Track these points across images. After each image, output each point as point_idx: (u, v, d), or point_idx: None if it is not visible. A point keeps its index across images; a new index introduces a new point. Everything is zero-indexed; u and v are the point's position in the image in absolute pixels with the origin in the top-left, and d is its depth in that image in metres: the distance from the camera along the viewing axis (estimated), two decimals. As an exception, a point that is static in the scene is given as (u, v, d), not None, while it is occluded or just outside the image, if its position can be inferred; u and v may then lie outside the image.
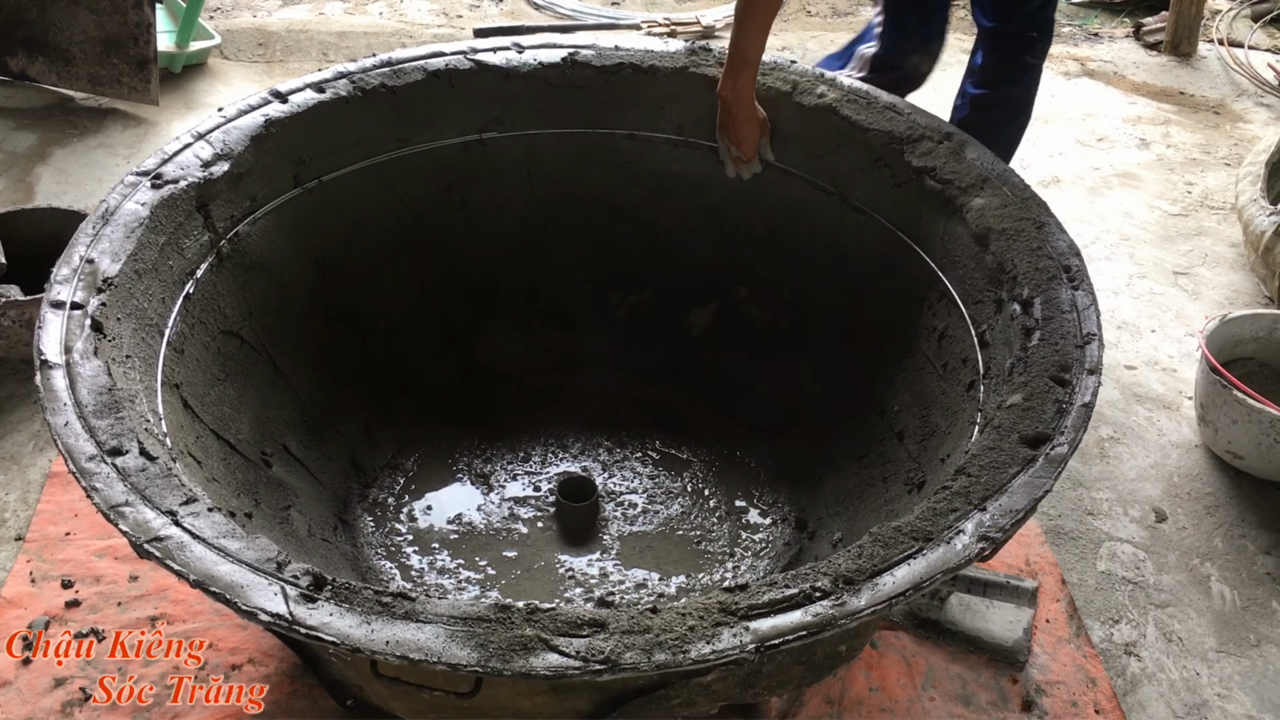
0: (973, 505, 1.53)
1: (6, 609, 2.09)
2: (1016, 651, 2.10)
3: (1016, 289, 1.91)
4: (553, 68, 2.40)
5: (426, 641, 1.32)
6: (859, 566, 1.45)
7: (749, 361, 2.53)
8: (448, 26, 4.41)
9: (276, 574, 1.39)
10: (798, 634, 1.37)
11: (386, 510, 2.29)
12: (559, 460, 2.43)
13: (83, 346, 1.64)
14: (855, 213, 2.32)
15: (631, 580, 2.18)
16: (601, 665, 1.31)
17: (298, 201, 2.22)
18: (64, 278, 1.75)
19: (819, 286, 2.42)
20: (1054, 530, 2.42)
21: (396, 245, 2.41)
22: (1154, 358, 2.92)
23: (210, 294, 2.00)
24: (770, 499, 2.37)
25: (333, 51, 4.17)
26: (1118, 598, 2.29)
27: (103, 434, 1.53)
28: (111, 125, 3.56)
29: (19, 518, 2.29)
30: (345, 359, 2.36)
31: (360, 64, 2.30)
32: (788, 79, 2.35)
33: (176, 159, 2.01)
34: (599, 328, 2.62)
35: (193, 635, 2.07)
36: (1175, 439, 2.68)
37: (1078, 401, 1.68)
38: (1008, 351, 1.86)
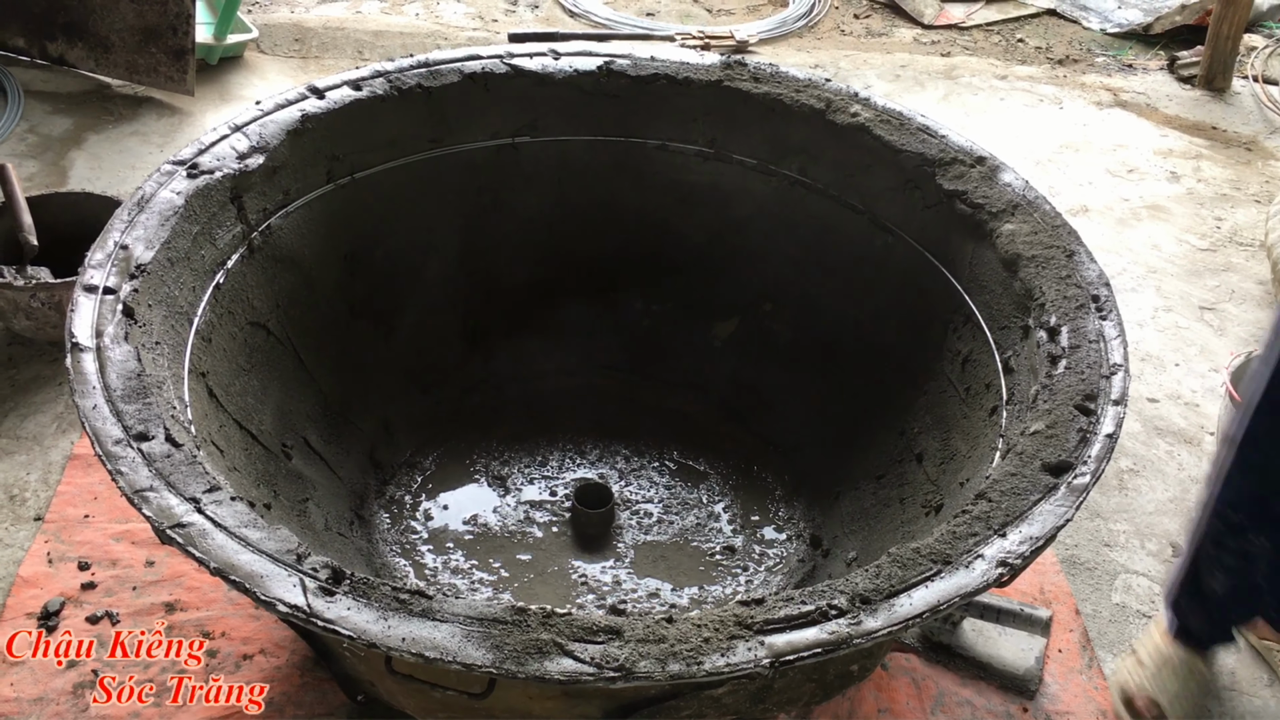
0: (993, 530, 1.53)
1: (23, 588, 2.11)
2: (1028, 680, 2.09)
3: (1044, 316, 1.90)
4: (588, 75, 2.41)
5: (442, 640, 1.32)
6: (876, 586, 1.45)
7: (770, 376, 2.54)
8: (483, 30, 4.43)
9: (296, 566, 1.39)
10: (812, 651, 1.36)
11: (403, 508, 2.30)
12: (576, 466, 2.44)
13: (114, 331, 1.66)
14: (884, 233, 2.32)
15: (644, 589, 2.18)
16: (616, 673, 1.31)
17: (329, 197, 2.23)
18: (98, 262, 1.77)
19: (844, 304, 2.42)
20: (1070, 560, 2.41)
21: (424, 245, 2.42)
22: (1177, 391, 2.91)
23: (240, 285, 2.02)
24: (786, 514, 2.36)
25: (368, 50, 4.19)
26: (1132, 630, 2.28)
27: (130, 418, 1.54)
28: (146, 113, 3.59)
29: (39, 498, 2.30)
30: (368, 355, 2.38)
31: (397, 63, 2.32)
32: (821, 97, 2.35)
33: (213, 150, 2.03)
34: (622, 335, 2.62)
35: (205, 623, 2.08)
36: (1195, 474, 2.67)
37: (1102, 431, 1.68)
38: (1032, 378, 1.85)
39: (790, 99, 2.35)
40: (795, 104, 2.35)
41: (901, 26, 4.86)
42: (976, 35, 4.85)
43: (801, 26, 4.73)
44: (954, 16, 4.91)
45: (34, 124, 3.45)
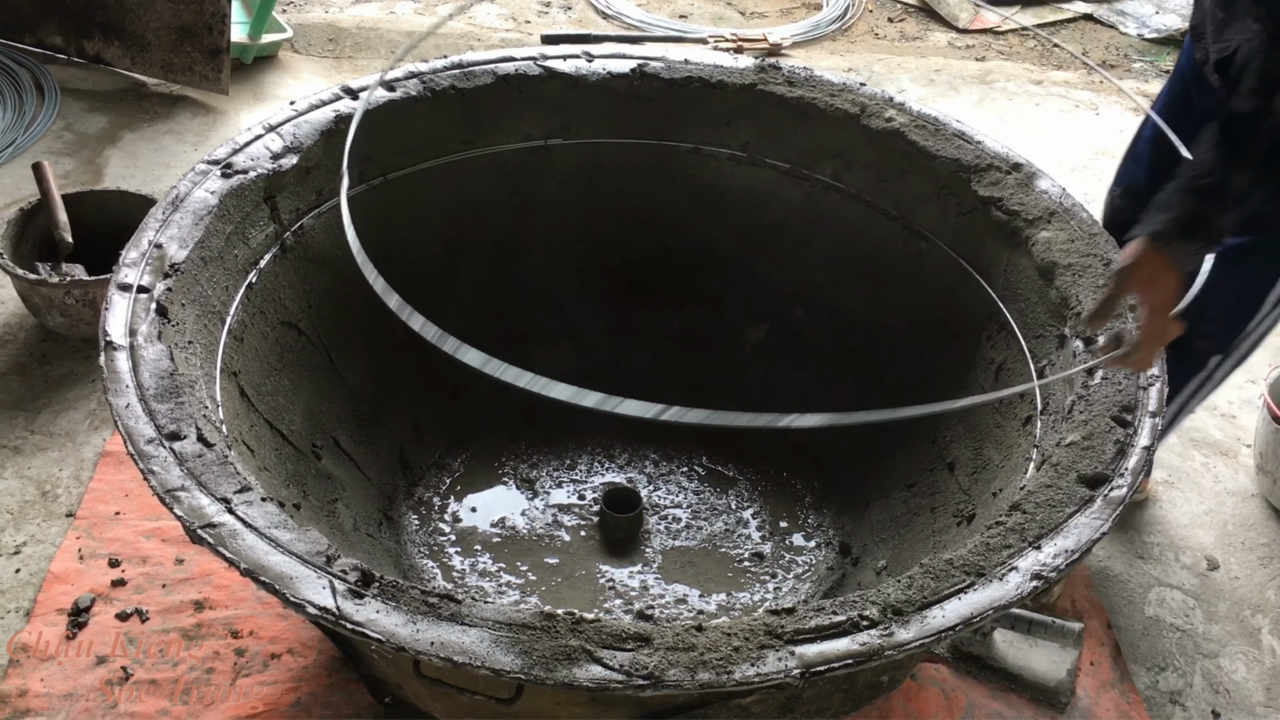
0: (1027, 543, 1.51)
1: (54, 584, 2.12)
2: (1059, 692, 2.07)
3: (1081, 326, 1.88)
4: (621, 78, 2.40)
5: (471, 645, 1.31)
6: (908, 598, 1.43)
7: (800, 382, 2.52)
8: (516, 31, 4.44)
9: (326, 568, 1.39)
10: (844, 662, 1.35)
11: (431, 509, 2.30)
12: (605, 470, 2.43)
13: (147, 330, 1.66)
14: (917, 239, 2.30)
15: (671, 595, 2.17)
16: (645, 681, 1.30)
17: (362, 198, 2.23)
18: (132, 261, 1.77)
19: (876, 311, 2.40)
20: (1102, 572, 2.38)
21: (455, 246, 2.42)
22: (1212, 403, 2.87)
23: (272, 285, 2.02)
24: (815, 522, 2.35)
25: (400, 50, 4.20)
26: (1165, 645, 2.25)
27: (162, 418, 1.54)
28: (181, 112, 3.61)
29: (71, 494, 2.32)
30: (398, 356, 2.37)
31: (431, 65, 2.32)
32: (856, 101, 2.34)
33: (247, 149, 2.03)
34: (652, 339, 2.61)
35: (234, 621, 2.09)
36: (1231, 487, 2.63)
37: (1139, 443, 1.65)
38: (1068, 388, 1.83)
39: (824, 103, 2.34)
40: (829, 108, 2.34)
41: (936, 30, 4.82)
42: (1011, 40, 4.81)
43: (835, 30, 4.70)
44: (989, 21, 4.87)
45: (70, 122, 3.47)
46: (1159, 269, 1.54)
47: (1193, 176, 1.52)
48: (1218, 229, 1.52)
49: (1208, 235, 1.53)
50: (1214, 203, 1.50)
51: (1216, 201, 1.50)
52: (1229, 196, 1.49)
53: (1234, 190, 1.49)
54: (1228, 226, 1.52)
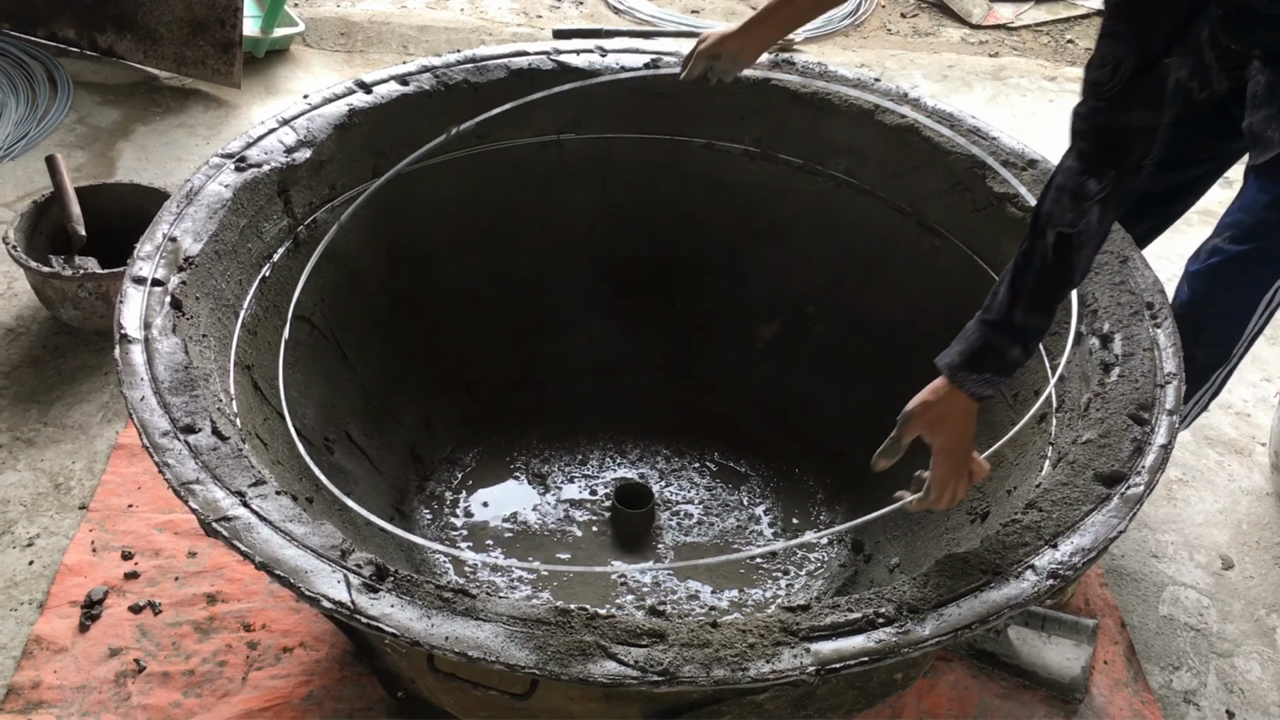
0: (1044, 541, 1.51)
1: (67, 576, 2.12)
2: (1073, 688, 2.06)
3: (1096, 323, 1.87)
4: (634, 73, 2.39)
5: (486, 640, 1.31)
6: (924, 595, 1.43)
7: (813, 378, 2.51)
8: (527, 26, 4.43)
9: (340, 562, 1.39)
10: (859, 660, 1.35)
11: (443, 503, 2.30)
12: (616, 465, 2.43)
13: (162, 323, 1.66)
14: (931, 235, 2.29)
15: (684, 591, 2.17)
16: (659, 677, 1.30)
17: (375, 192, 2.23)
18: (146, 254, 1.77)
19: (889, 307, 2.39)
20: (1116, 571, 2.37)
21: (467, 241, 2.42)
22: (1227, 401, 2.86)
23: (285, 279, 2.02)
24: (827, 519, 2.34)
25: (413, 45, 4.20)
26: (1179, 644, 2.24)
27: (177, 411, 1.54)
28: (193, 106, 3.61)
29: (84, 487, 2.32)
30: (410, 351, 2.38)
31: (445, 59, 2.31)
32: (870, 97, 2.33)
33: (261, 143, 2.03)
34: (663, 335, 2.61)
35: (246, 615, 2.09)
36: (1246, 485, 2.62)
37: (1156, 442, 1.65)
38: (1084, 386, 1.82)
39: (838, 98, 2.33)
40: (843, 103, 2.33)
41: (949, 26, 4.80)
42: (1025, 36, 4.79)
43: (848, 25, 4.69)
44: (1002, 16, 4.85)
45: (83, 115, 3.48)
46: (947, 410, 1.58)
47: (984, 308, 1.56)
48: (1007, 361, 1.55)
49: (996, 367, 1.55)
50: (1001, 335, 1.54)
51: (1003, 334, 1.53)
52: (1013, 329, 1.53)
53: (1016, 324, 1.53)
54: (1017, 358, 1.55)
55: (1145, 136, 1.43)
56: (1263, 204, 1.93)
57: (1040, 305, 1.53)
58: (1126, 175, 1.45)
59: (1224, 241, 2.00)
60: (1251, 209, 1.95)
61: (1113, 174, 1.44)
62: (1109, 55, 1.40)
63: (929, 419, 1.60)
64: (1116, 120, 1.43)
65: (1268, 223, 1.93)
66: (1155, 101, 1.40)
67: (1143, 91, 1.40)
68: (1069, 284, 1.54)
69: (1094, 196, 1.44)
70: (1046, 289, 1.52)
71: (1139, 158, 1.44)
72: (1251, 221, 1.95)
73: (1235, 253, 1.98)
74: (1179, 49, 1.36)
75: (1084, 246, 1.48)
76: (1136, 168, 1.45)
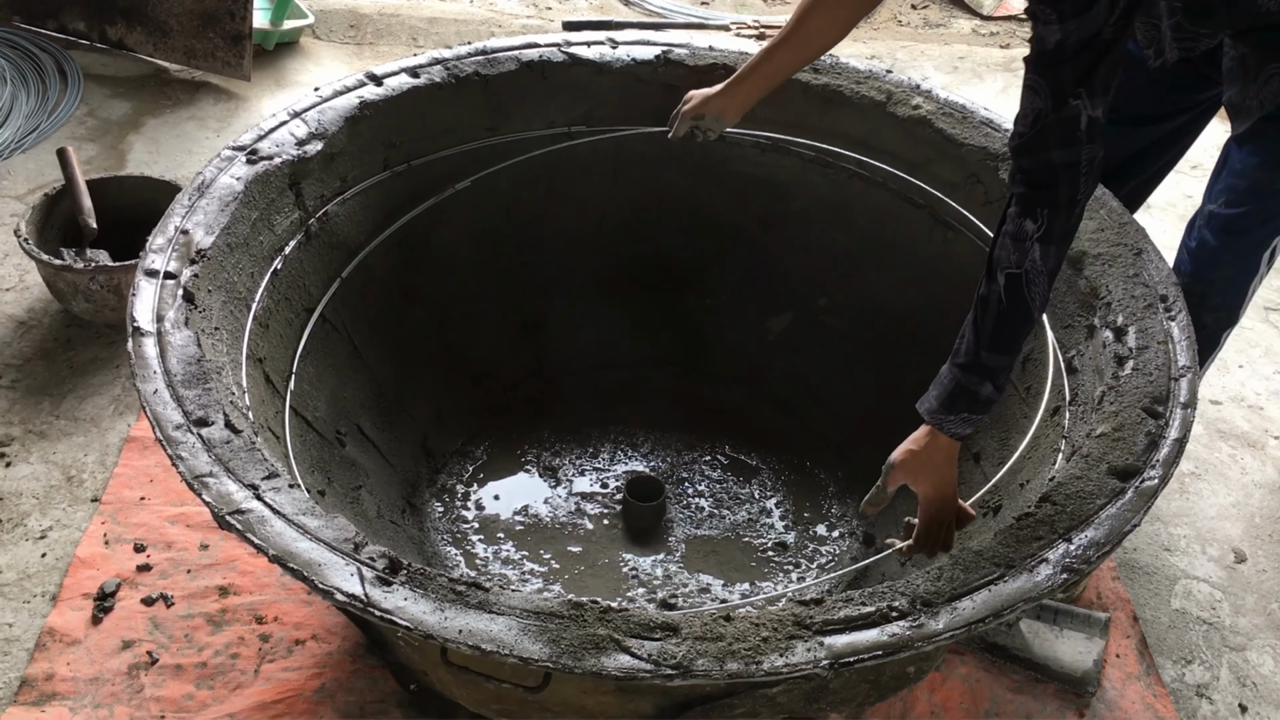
0: (1058, 535, 1.50)
1: (80, 568, 2.13)
2: (1086, 682, 2.06)
3: (1110, 316, 1.86)
4: (645, 65, 2.38)
5: (499, 633, 1.31)
6: (938, 589, 1.43)
7: (825, 371, 2.51)
8: (536, 18, 4.42)
9: (354, 555, 1.39)
10: (873, 653, 1.35)
11: (454, 496, 2.30)
12: (628, 458, 2.42)
13: (174, 316, 1.66)
14: (944, 227, 2.28)
15: (695, 584, 2.17)
16: (673, 670, 1.30)
17: (386, 184, 2.23)
18: (159, 247, 1.77)
19: (900, 300, 2.39)
20: (1128, 564, 2.36)
21: (478, 234, 2.42)
22: (1240, 394, 2.85)
23: (297, 271, 2.02)
24: (839, 512, 2.34)
25: (422, 37, 4.19)
26: (1191, 637, 2.24)
27: (190, 404, 1.54)
28: (204, 98, 3.61)
29: (96, 479, 2.33)
30: (422, 344, 2.38)
31: (455, 51, 2.31)
32: (882, 89, 2.32)
33: (272, 136, 2.03)
34: (675, 328, 2.61)
35: (258, 607, 2.09)
36: (1259, 479, 2.61)
37: (1170, 435, 1.64)
38: (1098, 379, 1.81)
39: (850, 90, 2.32)
40: (855, 95, 2.32)
41: (960, 17, 4.78)
42: (1036, 27, 4.76)
43: (857, 17, 4.66)
44: (1013, 7, 4.83)
45: (93, 107, 3.48)
46: (929, 457, 1.68)
47: (954, 352, 1.64)
48: (980, 399, 1.62)
49: (970, 406, 1.62)
50: (971, 375, 1.61)
51: (973, 374, 1.61)
52: (981, 369, 1.60)
53: (983, 364, 1.60)
54: (989, 395, 1.62)
55: (1069, 173, 1.50)
56: (1254, 166, 1.97)
57: (1002, 345, 1.60)
58: (1060, 211, 1.52)
59: (1219, 207, 2.03)
60: (1243, 173, 1.99)
61: (1046, 212, 1.52)
62: (1029, 107, 1.49)
63: (913, 467, 1.70)
64: (1038, 162, 1.51)
65: (1260, 183, 1.97)
66: (1070, 140, 1.48)
67: (1057, 132, 1.47)
68: (1029, 320, 1.59)
69: (1032, 236, 1.53)
70: (1006, 329, 1.59)
71: (1069, 193, 1.51)
72: (1245, 185, 1.99)
73: (1233, 215, 2.01)
74: (1086, 91, 1.44)
75: (1033, 284, 1.55)
76: (1071, 202, 1.52)
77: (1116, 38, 1.42)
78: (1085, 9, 1.40)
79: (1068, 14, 1.40)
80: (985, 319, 1.59)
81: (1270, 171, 1.95)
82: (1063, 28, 1.42)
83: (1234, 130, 1.99)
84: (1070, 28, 1.41)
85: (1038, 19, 1.45)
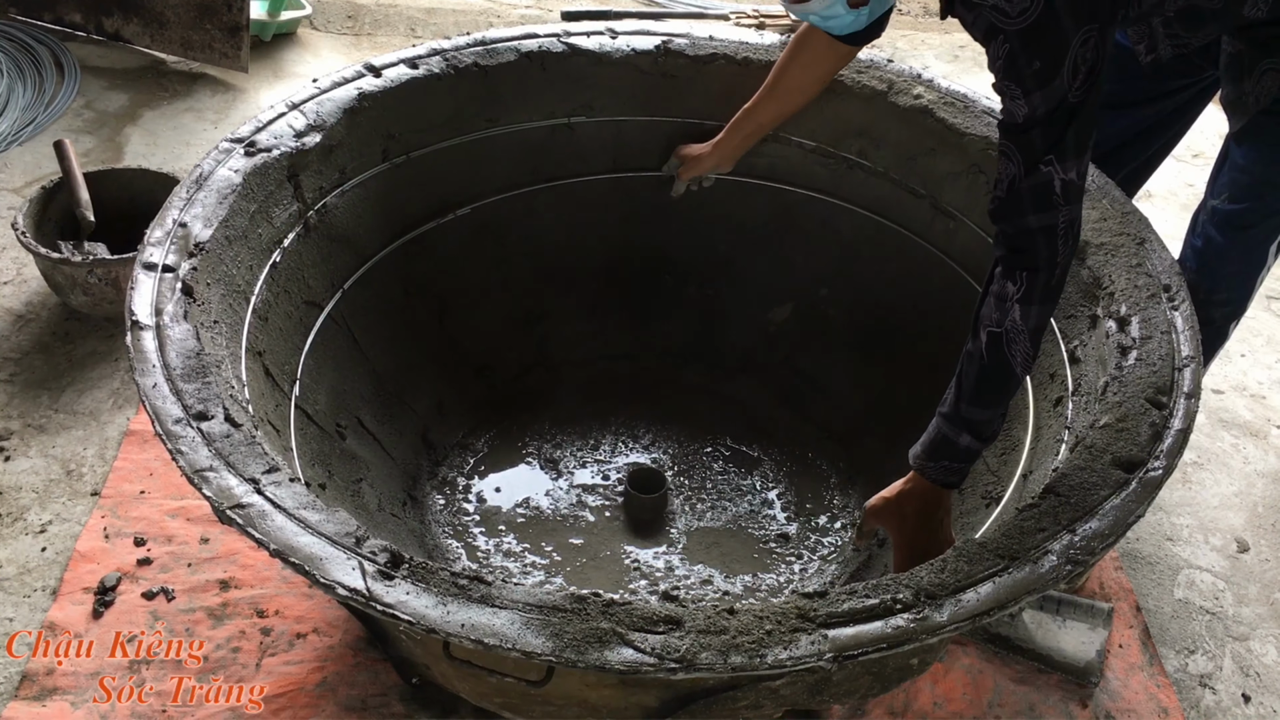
0: (1061, 526, 1.49)
1: (80, 563, 2.12)
2: (1089, 672, 2.06)
3: (1113, 306, 1.85)
4: (645, 55, 2.37)
5: (502, 627, 1.31)
6: (941, 581, 1.42)
7: (826, 362, 2.50)
8: (535, 8, 4.40)
9: (355, 549, 1.39)
10: (877, 646, 1.34)
11: (455, 489, 2.29)
12: (629, 450, 2.42)
13: (173, 309, 1.66)
14: (945, 217, 2.28)
15: (697, 576, 2.16)
16: (676, 664, 1.29)
17: (385, 176, 2.22)
18: (157, 240, 1.76)
19: (902, 290, 2.38)
20: (1131, 554, 2.36)
21: (478, 225, 2.41)
22: (1242, 383, 2.84)
23: (296, 264, 2.01)
24: (841, 503, 2.33)
25: (420, 27, 4.18)
26: (1194, 627, 2.23)
27: (189, 398, 1.54)
28: (201, 90, 3.60)
29: (96, 473, 2.32)
30: (422, 336, 2.37)
31: (454, 42, 2.29)
32: (884, 78, 2.31)
33: (270, 127, 2.02)
34: (675, 319, 2.60)
35: (259, 601, 2.09)
36: (1261, 468, 2.60)
37: (1175, 426, 1.63)
38: (1101, 369, 1.81)
39: (850, 80, 2.31)
40: (856, 85, 2.31)
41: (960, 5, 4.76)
42: (1036, 15, 4.75)
43: (857, 5, 4.65)
44: (1013, -4, 4.81)
45: (90, 100, 3.46)
46: (901, 505, 1.74)
47: (941, 400, 1.68)
48: (959, 449, 1.65)
49: (952, 455, 1.66)
50: (951, 426, 1.65)
51: (953, 425, 1.65)
52: (960, 421, 1.64)
53: (963, 416, 1.64)
54: (969, 445, 1.65)
55: (1046, 236, 1.52)
56: (1255, 161, 1.97)
57: (982, 400, 1.63)
58: (1040, 274, 1.54)
59: (1223, 203, 2.04)
60: (1245, 169, 1.99)
61: (1025, 275, 1.55)
62: (1003, 172, 1.52)
63: (884, 512, 1.77)
64: (1015, 226, 1.54)
65: (1263, 178, 1.97)
66: (1045, 205, 1.50)
67: (1031, 197, 1.50)
68: (1010, 377, 1.61)
69: (1012, 297, 1.56)
70: (987, 384, 1.62)
71: (1048, 256, 1.53)
72: (1247, 180, 1.99)
73: (1237, 210, 2.02)
74: (1057, 156, 1.47)
75: (1013, 343, 1.57)
76: (1050, 265, 1.54)
77: (1083, 100, 1.45)
78: (1048, 81, 1.43)
79: (1031, 88, 1.44)
80: (968, 373, 1.63)
81: (1271, 166, 1.96)
82: (1028, 101, 1.45)
83: (1231, 127, 1.99)
84: (1036, 100, 1.45)
85: (1004, 94, 1.49)
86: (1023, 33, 1.42)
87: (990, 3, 1.44)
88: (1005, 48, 1.45)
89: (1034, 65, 1.43)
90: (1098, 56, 1.43)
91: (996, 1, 1.43)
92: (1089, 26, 1.41)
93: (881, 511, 1.77)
